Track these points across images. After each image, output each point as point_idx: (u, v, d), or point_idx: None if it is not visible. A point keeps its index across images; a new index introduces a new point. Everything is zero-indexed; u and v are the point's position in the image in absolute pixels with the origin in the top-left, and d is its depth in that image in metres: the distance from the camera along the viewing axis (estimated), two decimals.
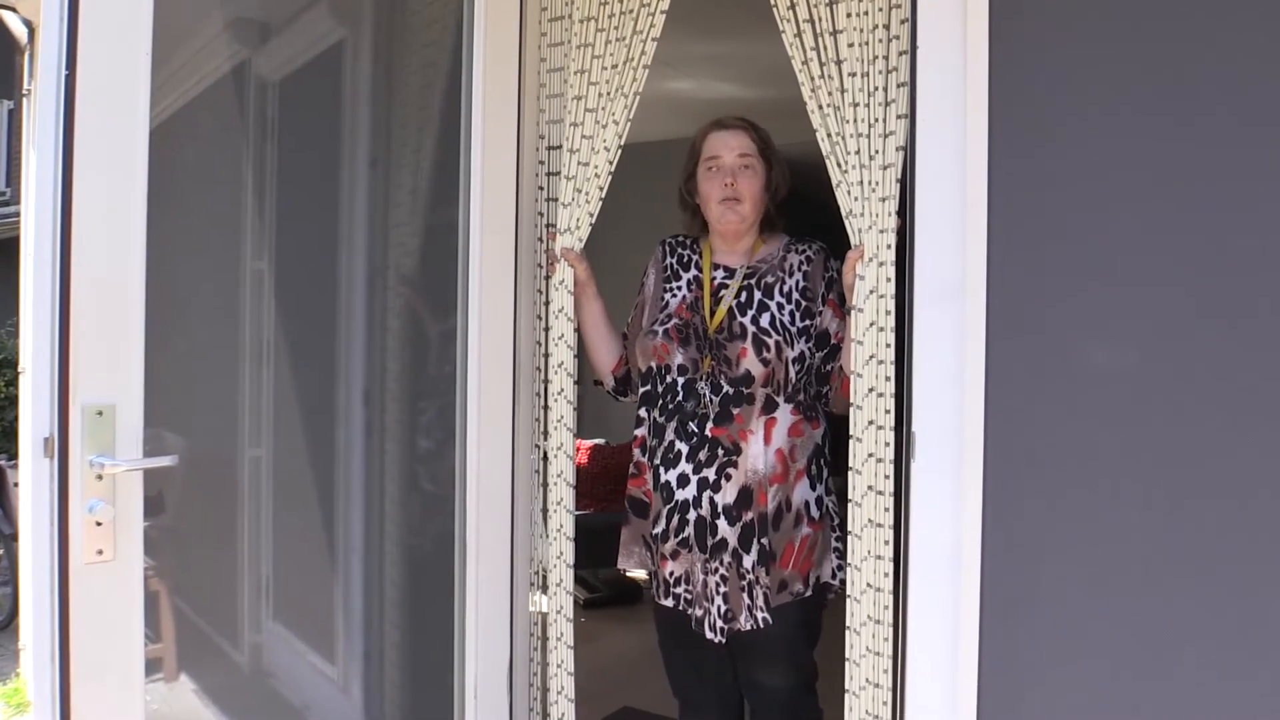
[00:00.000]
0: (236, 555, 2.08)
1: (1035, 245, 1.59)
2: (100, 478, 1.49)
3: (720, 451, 2.09)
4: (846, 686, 1.89)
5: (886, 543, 1.84)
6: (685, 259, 2.27)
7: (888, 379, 1.83)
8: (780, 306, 2.13)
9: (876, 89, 1.82)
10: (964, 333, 1.62)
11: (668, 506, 2.14)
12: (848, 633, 1.89)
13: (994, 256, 1.60)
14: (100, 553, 1.50)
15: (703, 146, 2.22)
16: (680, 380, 2.15)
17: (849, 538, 1.89)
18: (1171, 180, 1.49)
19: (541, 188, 2.33)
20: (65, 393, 1.47)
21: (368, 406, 2.24)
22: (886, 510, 1.83)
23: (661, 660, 2.34)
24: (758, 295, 2.14)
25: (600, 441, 4.93)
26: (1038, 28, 1.58)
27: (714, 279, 2.21)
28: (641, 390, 2.23)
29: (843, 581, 2.11)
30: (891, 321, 1.83)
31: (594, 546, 2.83)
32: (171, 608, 1.91)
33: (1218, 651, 1.46)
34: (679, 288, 2.24)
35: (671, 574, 2.19)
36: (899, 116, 1.79)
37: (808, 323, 2.13)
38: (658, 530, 2.16)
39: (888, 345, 1.84)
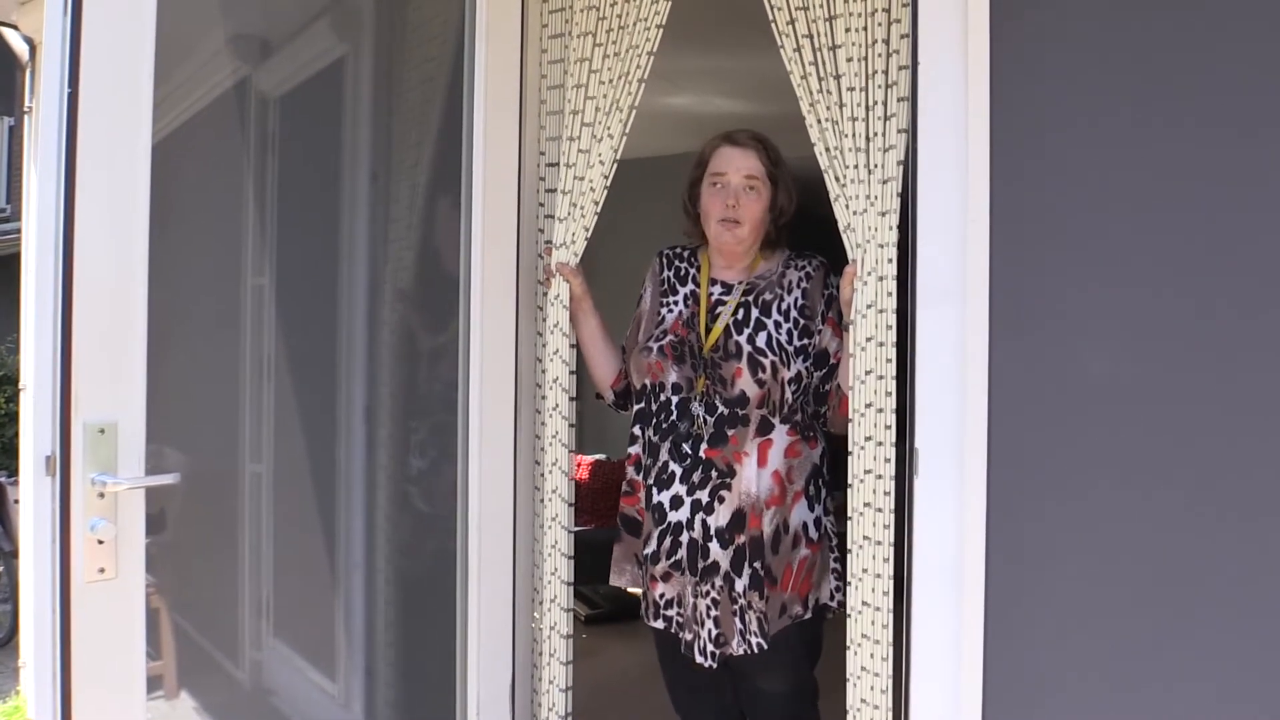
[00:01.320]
0: (237, 572, 2.07)
1: (1037, 248, 1.58)
2: (102, 496, 1.49)
3: (714, 473, 2.04)
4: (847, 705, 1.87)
5: (886, 560, 1.81)
6: (683, 272, 2.23)
7: (889, 394, 1.81)
8: (778, 325, 2.09)
9: (876, 103, 1.82)
10: (965, 335, 1.61)
11: (659, 528, 2.10)
12: (846, 651, 1.87)
13: (996, 260, 1.59)
14: (102, 571, 1.49)
15: (710, 159, 2.15)
16: (674, 399, 2.11)
17: (847, 555, 1.87)
18: (1172, 181, 1.48)
19: (541, 204, 2.33)
20: (67, 410, 1.47)
21: (369, 422, 2.24)
22: (886, 528, 1.81)
23: (662, 677, 2.33)
24: (755, 313, 2.10)
25: (601, 457, 4.93)
26: (1038, 32, 1.58)
27: (711, 295, 2.17)
28: (636, 408, 2.20)
29: (840, 604, 2.08)
30: (892, 336, 1.81)
31: (595, 562, 2.81)
32: (172, 625, 1.91)
33: (1229, 663, 1.44)
34: (675, 302, 2.21)
35: (662, 596, 2.14)
36: (900, 131, 1.79)
37: (805, 341, 2.09)
38: (649, 551, 2.12)
39: (888, 360, 1.81)
